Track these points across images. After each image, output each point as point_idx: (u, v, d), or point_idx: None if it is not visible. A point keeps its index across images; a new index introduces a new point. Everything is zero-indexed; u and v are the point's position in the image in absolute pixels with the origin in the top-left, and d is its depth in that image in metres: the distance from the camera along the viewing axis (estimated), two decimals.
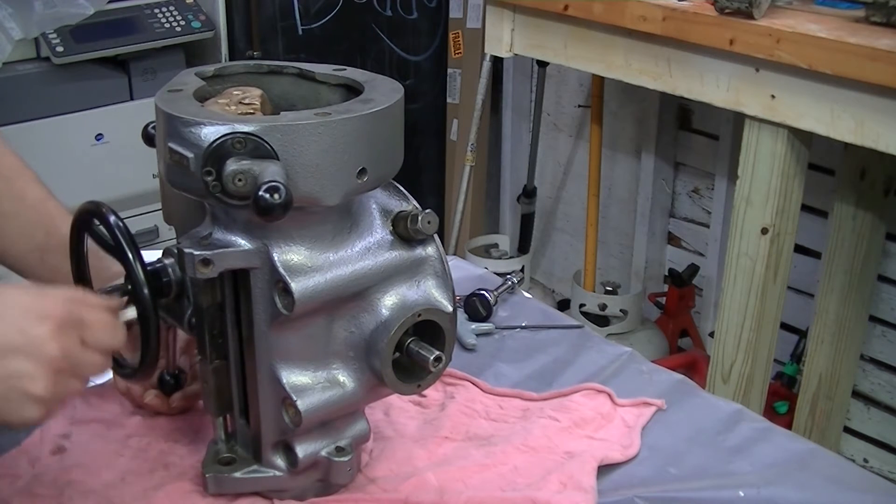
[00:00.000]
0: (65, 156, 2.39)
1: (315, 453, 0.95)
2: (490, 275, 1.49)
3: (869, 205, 2.17)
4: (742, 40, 1.82)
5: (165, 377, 1.07)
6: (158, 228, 2.55)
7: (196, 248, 0.86)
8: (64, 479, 0.99)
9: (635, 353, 1.29)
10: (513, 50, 2.31)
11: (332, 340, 0.92)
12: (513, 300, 1.41)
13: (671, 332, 2.77)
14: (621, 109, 2.88)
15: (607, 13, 2.03)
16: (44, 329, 0.78)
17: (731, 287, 1.99)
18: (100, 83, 2.44)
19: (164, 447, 1.05)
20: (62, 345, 0.79)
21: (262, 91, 0.97)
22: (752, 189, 1.91)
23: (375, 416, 1.10)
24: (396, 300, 0.93)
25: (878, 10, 1.74)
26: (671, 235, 2.93)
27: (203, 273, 0.86)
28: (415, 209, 0.94)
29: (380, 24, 2.94)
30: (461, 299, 1.35)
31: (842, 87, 1.72)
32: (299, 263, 0.87)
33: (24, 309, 0.79)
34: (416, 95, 3.08)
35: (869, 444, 2.49)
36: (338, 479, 0.97)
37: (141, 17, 2.48)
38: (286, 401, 0.91)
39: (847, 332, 2.28)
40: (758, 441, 1.12)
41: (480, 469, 1.03)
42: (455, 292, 0.96)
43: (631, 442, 1.09)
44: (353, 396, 0.93)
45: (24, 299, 0.80)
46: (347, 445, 0.96)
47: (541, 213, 3.17)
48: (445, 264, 0.96)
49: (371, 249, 0.92)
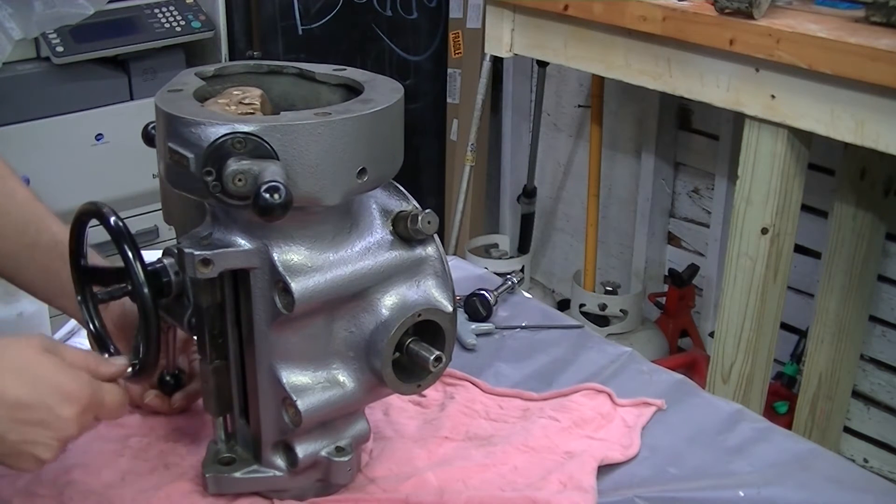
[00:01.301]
0: (65, 156, 2.39)
1: (315, 453, 0.95)
2: (490, 275, 1.49)
3: (869, 205, 2.16)
4: (742, 40, 1.82)
5: (165, 377, 1.07)
6: (158, 228, 2.55)
7: (196, 248, 0.86)
8: (64, 479, 0.99)
9: (635, 353, 1.29)
10: (513, 50, 2.31)
11: (332, 340, 0.92)
12: (513, 300, 1.41)
13: (671, 332, 2.77)
14: (621, 109, 2.88)
15: (607, 13, 2.03)
16: (70, 412, 0.85)
17: (731, 287, 1.99)
18: (100, 83, 2.44)
19: (164, 447, 1.05)
20: (81, 425, 0.86)
21: (262, 91, 0.97)
22: (752, 189, 1.91)
23: (375, 416, 1.10)
24: (396, 300, 0.93)
25: (878, 10, 1.74)
26: (671, 235, 2.93)
27: (203, 273, 0.86)
28: (415, 209, 0.94)
29: (380, 24, 2.94)
30: (461, 299, 1.35)
31: (842, 87, 1.72)
32: (299, 263, 0.87)
33: (53, 387, 0.84)
34: (416, 95, 3.08)
35: (869, 444, 2.49)
36: (338, 479, 0.97)
37: (141, 17, 2.48)
38: (286, 401, 0.91)
39: (847, 332, 2.27)
40: (758, 441, 1.12)
41: (480, 469, 1.03)
42: (455, 292, 0.96)
43: (631, 442, 1.09)
44: (353, 396, 0.93)
45: (53, 376, 0.85)
46: (347, 445, 0.96)
47: (541, 213, 3.16)
48: (445, 264, 0.95)
49: (371, 249, 0.92)
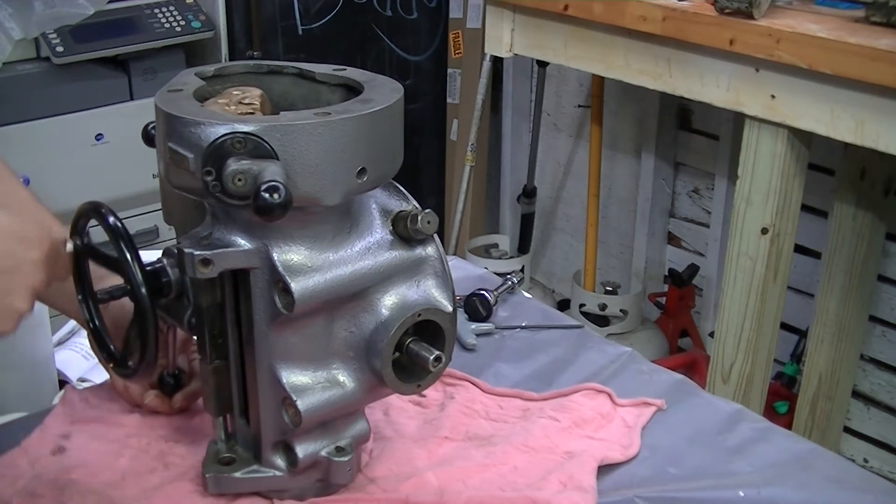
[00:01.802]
0: (65, 156, 2.39)
1: (315, 453, 0.95)
2: (490, 275, 1.49)
3: (869, 205, 2.16)
4: (742, 40, 1.82)
5: (165, 377, 1.07)
6: (158, 228, 2.55)
7: (196, 248, 0.86)
8: (64, 478, 0.99)
9: (635, 353, 1.29)
10: (513, 50, 2.31)
11: (332, 340, 0.92)
12: (513, 300, 1.41)
13: (671, 332, 2.77)
14: (621, 109, 2.88)
15: (607, 13, 2.03)
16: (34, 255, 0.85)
17: (731, 287, 1.99)
18: (100, 83, 2.44)
19: (164, 447, 1.05)
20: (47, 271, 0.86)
21: (261, 91, 0.97)
22: (752, 189, 1.91)
23: (375, 416, 1.10)
24: (396, 300, 0.93)
25: (878, 10, 1.74)
26: (671, 235, 2.93)
27: (203, 273, 0.86)
28: (415, 209, 0.94)
29: (380, 24, 2.94)
30: (461, 299, 1.35)
31: (842, 87, 1.72)
32: (299, 263, 0.87)
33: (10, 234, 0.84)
34: (416, 95, 3.08)
35: (869, 444, 2.49)
36: (338, 479, 0.97)
37: (141, 17, 2.48)
38: (286, 401, 0.91)
39: (847, 332, 2.27)
40: (758, 441, 1.11)
41: (480, 469, 1.03)
42: (455, 292, 0.96)
43: (631, 442, 1.09)
44: (353, 396, 0.93)
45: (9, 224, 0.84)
46: (347, 445, 0.96)
47: (541, 213, 3.16)
48: (445, 264, 0.95)
49: (371, 249, 0.92)
